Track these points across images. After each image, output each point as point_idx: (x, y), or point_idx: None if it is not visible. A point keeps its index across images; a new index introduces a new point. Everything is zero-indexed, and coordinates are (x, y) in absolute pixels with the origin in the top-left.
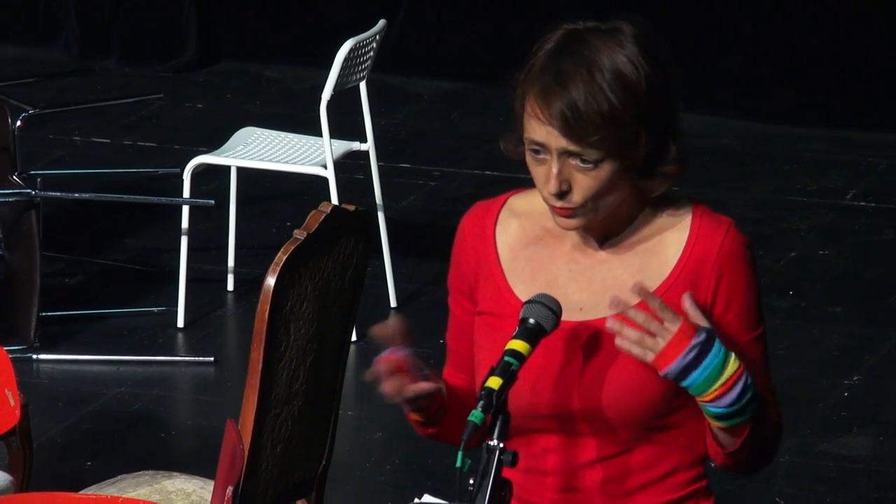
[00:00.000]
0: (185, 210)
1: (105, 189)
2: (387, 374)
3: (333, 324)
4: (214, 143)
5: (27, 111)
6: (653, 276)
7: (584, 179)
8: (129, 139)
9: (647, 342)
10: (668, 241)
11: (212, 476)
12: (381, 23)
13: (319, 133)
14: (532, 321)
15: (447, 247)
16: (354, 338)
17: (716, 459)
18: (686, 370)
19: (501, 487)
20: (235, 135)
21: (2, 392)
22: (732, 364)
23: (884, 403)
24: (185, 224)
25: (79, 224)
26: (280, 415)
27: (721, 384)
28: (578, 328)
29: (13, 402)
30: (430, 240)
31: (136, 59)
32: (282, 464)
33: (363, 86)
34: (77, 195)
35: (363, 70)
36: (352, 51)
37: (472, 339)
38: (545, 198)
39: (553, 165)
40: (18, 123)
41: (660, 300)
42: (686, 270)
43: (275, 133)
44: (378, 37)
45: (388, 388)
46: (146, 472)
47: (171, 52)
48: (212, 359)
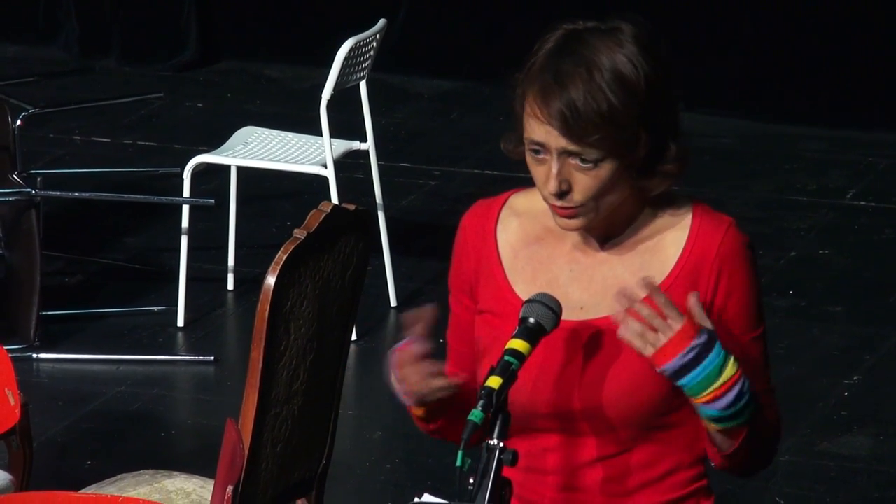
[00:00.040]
0: (185, 209)
1: (105, 188)
2: (403, 364)
3: (333, 323)
4: (214, 143)
5: (27, 110)
6: (653, 276)
7: (584, 179)
8: (130, 138)
9: (649, 336)
10: (669, 241)
11: (212, 475)
12: (382, 22)
13: (319, 132)
14: (532, 320)
15: (447, 246)
16: (354, 337)
17: (714, 461)
18: (683, 369)
19: (501, 487)
20: (235, 134)
21: (2, 391)
22: (730, 368)
23: (884, 403)
24: (185, 223)
25: (79, 223)
26: (280, 414)
27: (717, 387)
28: (579, 327)
29: (13, 402)
30: (431, 239)
31: (137, 59)
32: (282, 463)
33: (363, 85)
34: (77, 194)
35: (363, 69)
36: (352, 50)
37: (473, 338)
38: (545, 197)
39: (553, 165)
40: (19, 122)
41: (665, 297)
42: (686, 269)
43: (275, 132)
44: (378, 36)
45: (407, 379)
46: (146, 472)
47: (172, 52)
48: (212, 358)
